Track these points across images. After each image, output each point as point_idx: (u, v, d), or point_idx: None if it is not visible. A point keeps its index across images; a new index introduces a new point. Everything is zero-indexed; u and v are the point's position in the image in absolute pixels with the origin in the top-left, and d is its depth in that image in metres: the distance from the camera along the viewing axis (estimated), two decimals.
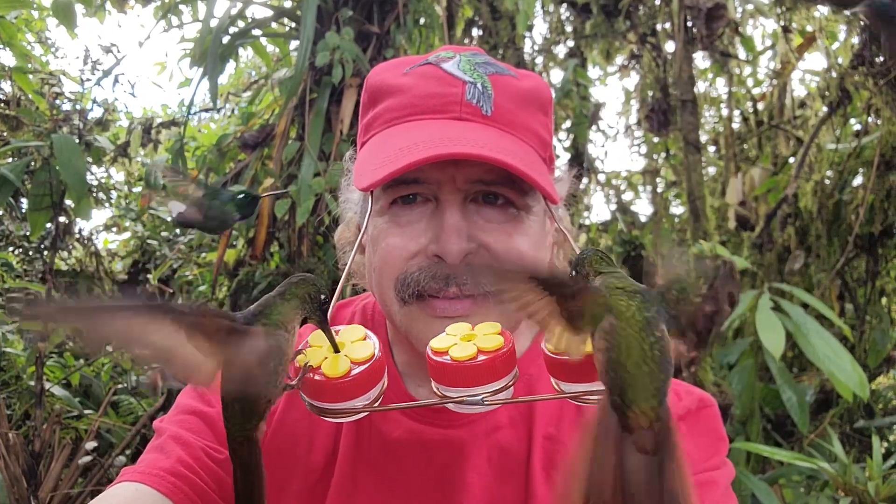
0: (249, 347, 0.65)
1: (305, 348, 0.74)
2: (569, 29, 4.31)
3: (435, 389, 0.71)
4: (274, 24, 3.29)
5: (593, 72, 4.60)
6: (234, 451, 0.70)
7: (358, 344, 0.74)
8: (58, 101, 3.08)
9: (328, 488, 0.93)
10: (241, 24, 3.06)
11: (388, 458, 0.92)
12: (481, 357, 0.69)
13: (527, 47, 4.17)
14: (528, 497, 0.89)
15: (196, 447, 0.88)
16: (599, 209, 6.66)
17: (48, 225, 2.96)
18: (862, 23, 3.06)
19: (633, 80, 4.66)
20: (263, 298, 0.69)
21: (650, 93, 3.99)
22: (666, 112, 3.69)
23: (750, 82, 4.44)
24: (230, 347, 0.64)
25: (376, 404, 0.72)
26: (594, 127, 4.43)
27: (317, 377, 0.70)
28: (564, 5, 4.15)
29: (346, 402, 0.70)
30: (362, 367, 0.71)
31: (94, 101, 3.53)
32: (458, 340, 0.73)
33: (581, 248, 0.82)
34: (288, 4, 3.25)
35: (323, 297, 0.71)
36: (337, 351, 0.73)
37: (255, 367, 0.66)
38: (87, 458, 2.63)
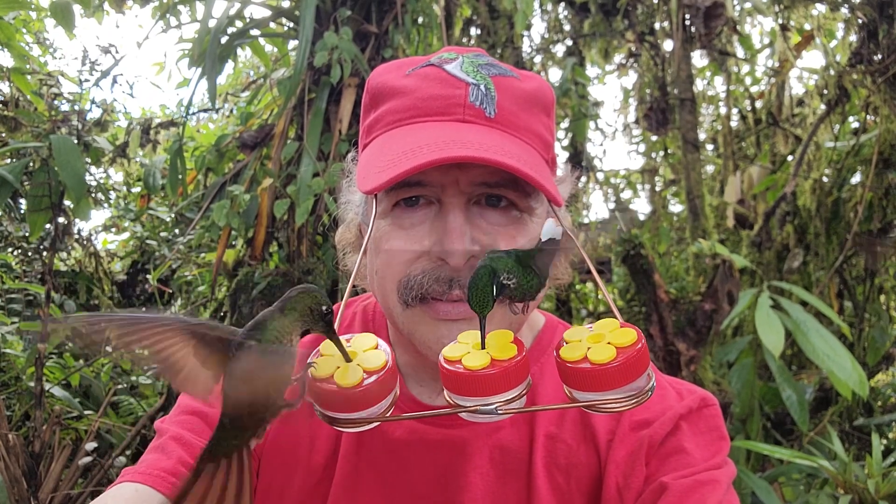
0: (242, 364, 0.64)
1: (317, 357, 0.74)
2: (567, 28, 4.32)
3: (447, 398, 0.71)
4: (272, 24, 3.28)
5: (592, 70, 4.61)
6: (208, 462, 0.69)
7: (370, 353, 0.73)
8: (56, 102, 3.08)
9: (329, 488, 0.93)
10: (239, 24, 3.06)
11: (390, 458, 0.92)
12: (495, 366, 0.69)
13: (525, 46, 4.18)
14: (530, 496, 0.89)
15: (197, 447, 0.88)
16: (598, 208, 6.67)
17: (47, 226, 2.95)
18: (860, 20, 3.06)
19: (631, 78, 4.68)
20: (262, 313, 0.68)
21: (648, 91, 4.00)
22: (664, 111, 3.69)
23: (748, 80, 4.45)
24: (225, 363, 0.63)
25: (388, 413, 0.72)
26: (593, 125, 4.43)
27: (329, 387, 0.70)
28: (562, 4, 4.16)
29: (359, 411, 0.70)
30: (375, 377, 0.70)
31: (93, 102, 3.53)
32: (470, 349, 0.72)
33: (581, 245, 0.83)
34: (286, 4, 3.25)
35: (324, 308, 0.69)
36: (349, 360, 0.72)
37: (243, 384, 0.65)
38: (88, 459, 2.62)
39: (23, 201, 3.35)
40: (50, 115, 2.92)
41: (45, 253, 3.73)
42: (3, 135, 3.04)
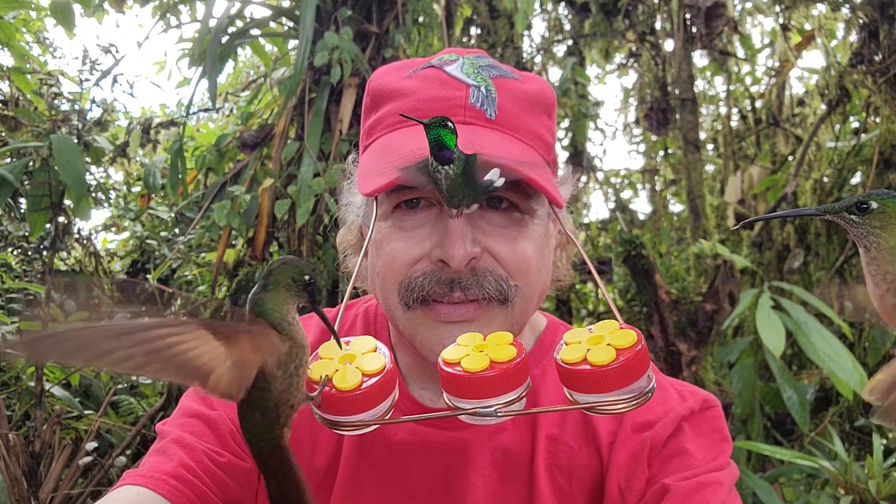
0: (268, 349, 0.63)
1: (316, 360, 0.73)
2: (567, 28, 4.31)
3: (447, 400, 0.71)
4: (272, 24, 3.28)
5: (592, 70, 4.61)
6: (264, 462, 0.69)
7: (369, 355, 0.73)
8: (56, 102, 3.07)
9: (331, 491, 0.93)
10: (239, 23, 3.06)
11: (392, 460, 0.92)
12: (494, 369, 0.69)
13: (525, 46, 4.17)
14: (531, 498, 0.89)
15: (198, 450, 0.88)
16: (598, 207, 6.67)
17: (47, 225, 2.95)
18: (861, 20, 3.06)
19: (631, 78, 4.67)
20: (251, 295, 0.67)
21: (649, 91, 3.99)
22: (665, 111, 3.69)
23: (748, 80, 4.45)
24: (246, 349, 0.61)
25: (388, 416, 0.72)
26: (593, 125, 4.43)
27: (328, 390, 0.70)
28: (563, 4, 4.15)
29: (358, 414, 0.70)
30: (374, 380, 0.70)
31: (93, 102, 3.52)
32: (470, 351, 0.72)
33: (582, 245, 0.82)
34: (286, 4, 3.25)
35: (307, 277, 0.68)
36: (338, 340, 0.72)
37: (275, 369, 0.64)
38: (88, 459, 2.62)
39: (23, 201, 3.34)
40: (50, 115, 2.92)
41: (45, 252, 3.73)
42: (3, 134, 3.03)
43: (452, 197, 0.72)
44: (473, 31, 3.92)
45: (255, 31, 3.12)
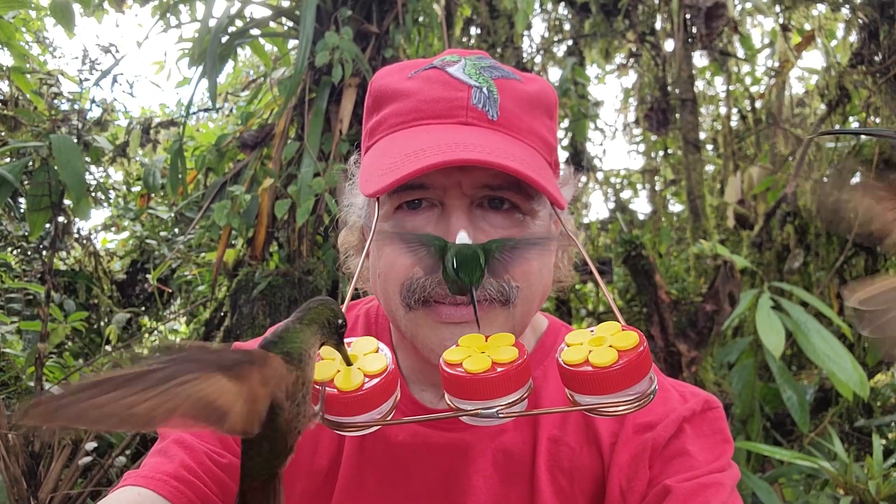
0: (276, 380, 0.62)
1: (317, 361, 0.73)
2: (567, 28, 4.32)
3: (449, 401, 0.71)
4: (272, 24, 3.28)
5: (592, 70, 4.61)
6: (255, 490, 0.68)
7: (370, 356, 0.73)
8: (56, 101, 3.07)
9: (332, 492, 0.93)
10: (239, 23, 3.06)
11: (393, 461, 0.92)
12: (496, 370, 0.69)
13: (525, 46, 4.18)
14: (533, 499, 0.89)
15: (199, 451, 0.88)
16: (598, 208, 6.68)
17: (47, 225, 2.95)
18: (861, 21, 3.06)
19: (631, 78, 4.68)
20: (281, 325, 0.67)
21: (649, 92, 4.00)
22: (665, 111, 3.69)
23: (748, 80, 4.45)
24: (255, 383, 0.60)
25: (389, 417, 0.72)
26: (592, 125, 4.44)
27: (330, 391, 0.70)
28: (563, 4, 4.15)
29: (360, 415, 0.70)
30: (376, 381, 0.70)
31: (93, 101, 3.53)
32: (471, 352, 0.72)
33: (583, 245, 0.83)
34: (286, 4, 3.25)
35: (340, 321, 0.69)
36: (350, 366, 0.72)
37: (284, 400, 0.63)
38: (87, 459, 2.62)
39: (23, 201, 3.34)
40: (50, 115, 2.92)
41: (44, 252, 3.73)
42: (3, 134, 3.03)
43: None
44: (473, 31, 3.93)
45: (255, 31, 3.12)
